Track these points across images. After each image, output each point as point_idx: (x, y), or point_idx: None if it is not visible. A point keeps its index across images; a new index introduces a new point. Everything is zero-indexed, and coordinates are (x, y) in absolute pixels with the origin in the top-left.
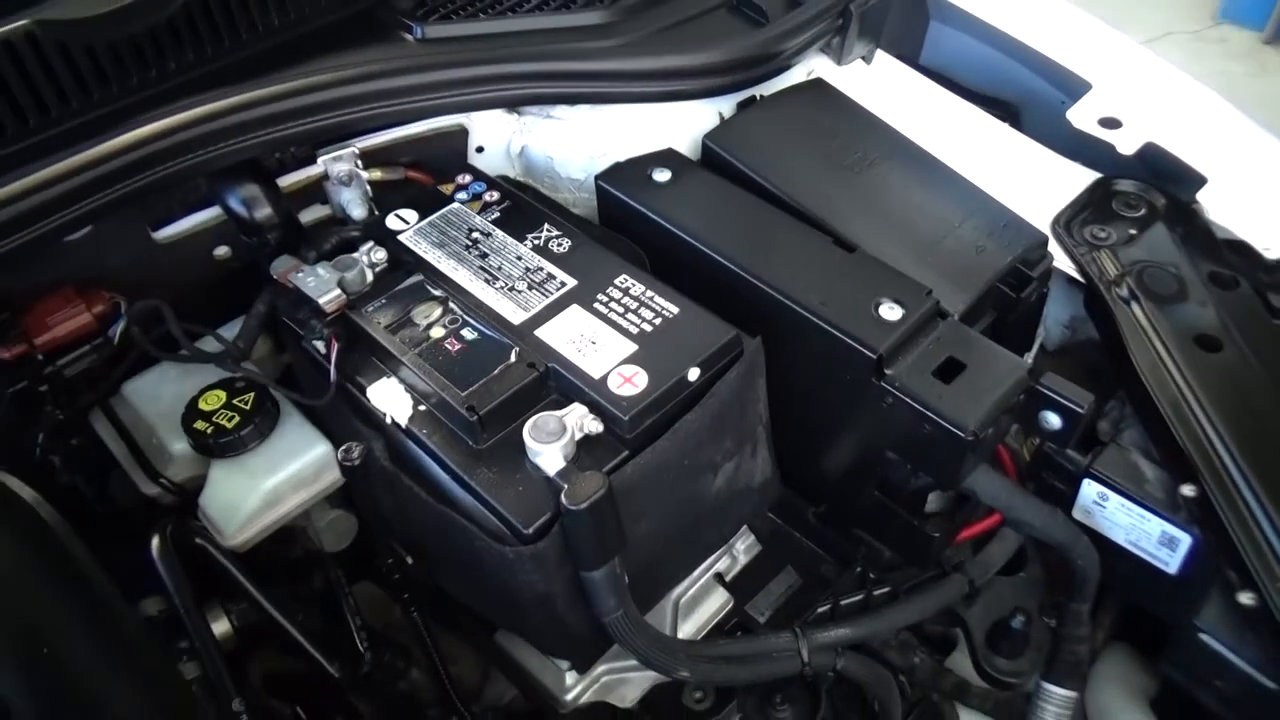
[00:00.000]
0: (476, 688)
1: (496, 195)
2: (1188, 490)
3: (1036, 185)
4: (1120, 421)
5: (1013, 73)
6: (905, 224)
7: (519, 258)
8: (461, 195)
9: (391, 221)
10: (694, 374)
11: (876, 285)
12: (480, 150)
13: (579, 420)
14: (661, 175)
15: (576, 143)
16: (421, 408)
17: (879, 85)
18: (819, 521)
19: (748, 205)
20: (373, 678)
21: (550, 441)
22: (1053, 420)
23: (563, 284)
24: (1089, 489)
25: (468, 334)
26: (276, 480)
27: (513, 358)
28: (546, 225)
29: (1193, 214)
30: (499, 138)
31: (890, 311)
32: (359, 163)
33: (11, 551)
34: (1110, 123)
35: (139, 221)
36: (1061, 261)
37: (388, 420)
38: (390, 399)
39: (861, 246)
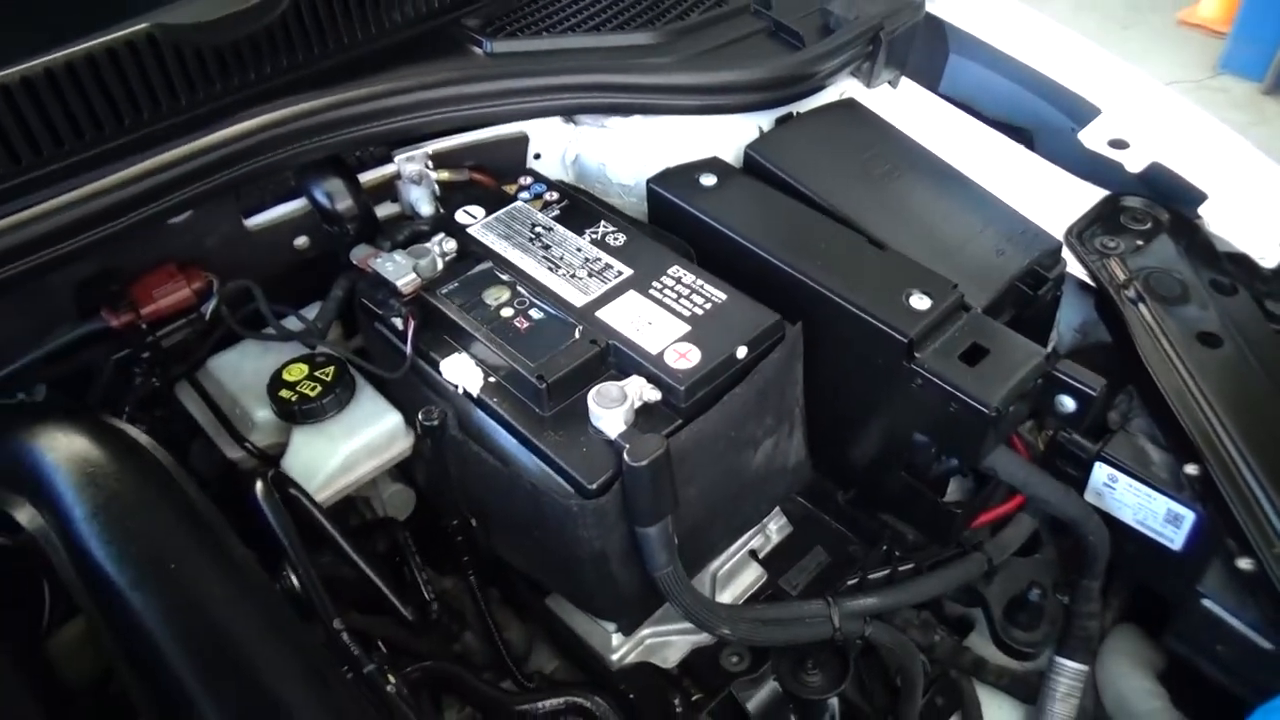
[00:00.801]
0: (522, 657)
1: (556, 195)
2: (1191, 469)
3: (1050, 201)
4: (1129, 413)
5: (1026, 101)
6: (931, 229)
7: (579, 249)
8: (524, 195)
9: (460, 216)
10: (742, 352)
11: (906, 279)
12: (538, 157)
13: (638, 390)
14: (708, 180)
15: (627, 151)
16: (491, 379)
17: (904, 107)
18: (848, 506)
19: (787, 207)
20: (432, 635)
21: (613, 407)
22: (1067, 404)
23: (620, 272)
24: (1099, 472)
25: (534, 314)
26: (353, 446)
27: (576, 335)
28: (603, 222)
29: (1195, 228)
30: (555, 145)
31: (920, 301)
32: (429, 163)
33: (137, 484)
34: (1118, 144)
35: (234, 209)
36: (1074, 269)
37: (459, 391)
38: (462, 372)
39: (891, 247)
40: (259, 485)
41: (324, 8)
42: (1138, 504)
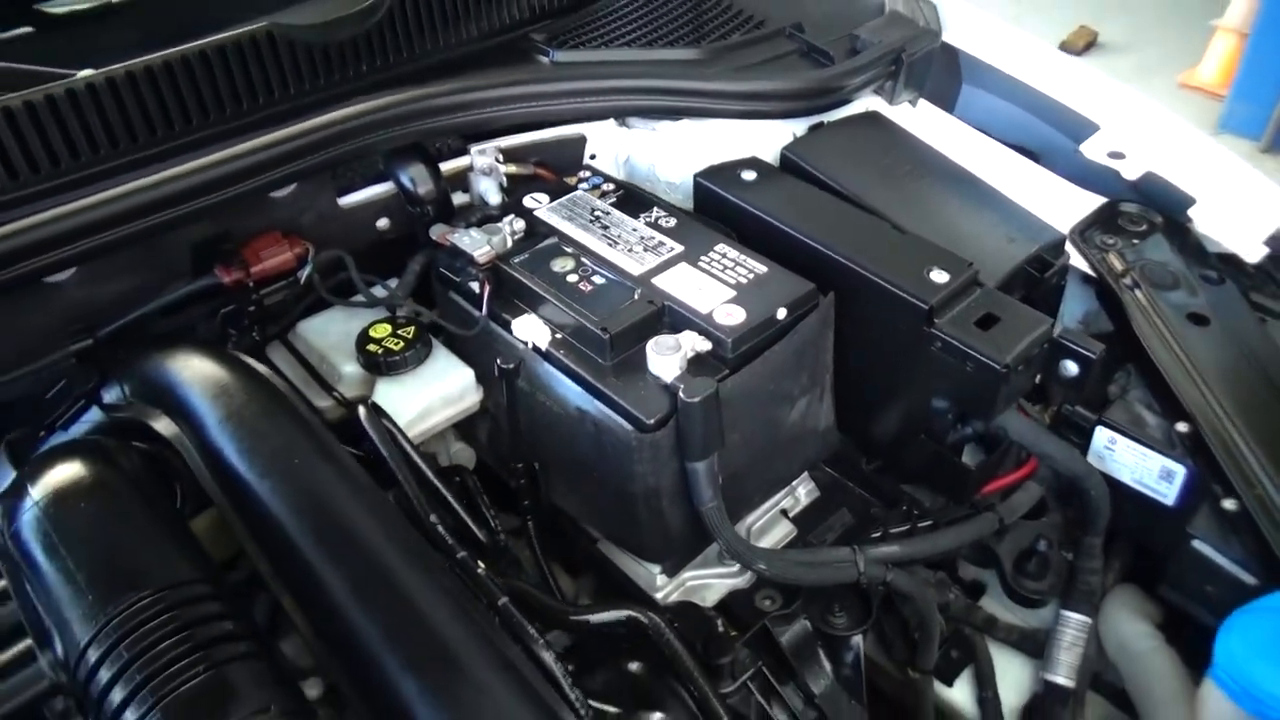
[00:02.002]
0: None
1: (612, 186)
2: (1181, 427)
3: (1054, 206)
4: (1126, 388)
5: (1032, 126)
6: (949, 219)
7: (634, 229)
8: (583, 185)
9: (527, 201)
10: (781, 313)
11: (927, 256)
12: (593, 157)
13: (691, 342)
14: (749, 175)
15: (674, 152)
16: (558, 335)
17: (923, 124)
18: (871, 474)
19: (819, 198)
20: (500, 562)
21: (669, 354)
22: (1070, 368)
23: (672, 248)
24: (1100, 436)
25: (597, 279)
26: (430, 396)
27: (635, 296)
28: (655, 207)
29: (1186, 230)
30: (609, 147)
31: (939, 275)
32: (499, 157)
33: (260, 398)
34: (1116, 155)
35: (330, 187)
36: (1077, 264)
37: (528, 348)
38: (532, 329)
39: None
40: (362, 410)
41: (414, 20)
42: (1134, 463)
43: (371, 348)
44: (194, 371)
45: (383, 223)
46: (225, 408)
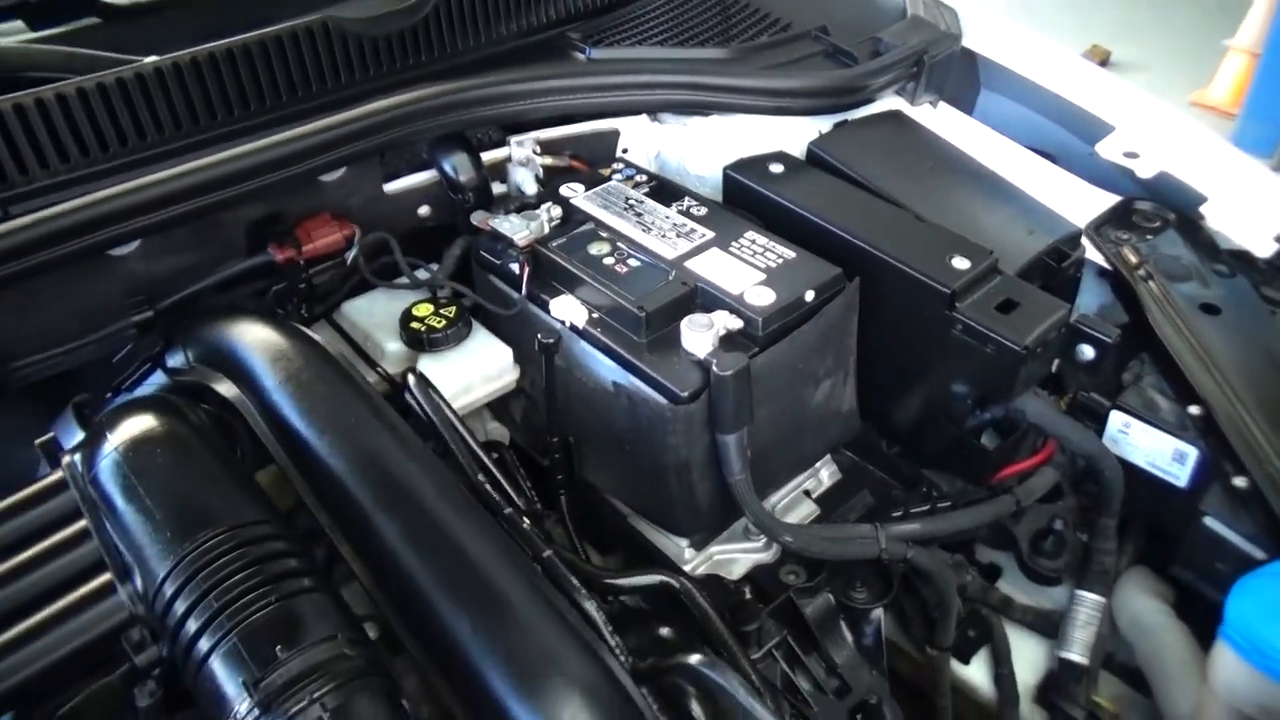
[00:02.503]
0: None
1: (645, 177)
2: (1194, 410)
3: (1070, 204)
4: (1140, 376)
5: (1048, 130)
6: (970, 212)
7: (667, 217)
8: (617, 176)
9: (564, 190)
10: (810, 295)
11: (949, 245)
12: (625, 151)
13: (724, 320)
14: (776, 168)
15: (704, 147)
16: (594, 315)
17: (943, 122)
18: (893, 457)
19: (845, 190)
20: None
21: (702, 331)
22: (1087, 352)
23: (704, 235)
24: (1115, 420)
25: (632, 262)
26: (471, 372)
27: (670, 277)
28: (687, 197)
29: (1198, 227)
30: (641, 142)
31: (960, 262)
32: (536, 149)
33: (317, 363)
34: (1131, 154)
35: (378, 173)
36: (1092, 257)
37: (566, 325)
38: (569, 309)
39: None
40: (411, 377)
41: (458, 16)
42: (1148, 446)
43: (415, 325)
44: (254, 338)
45: (424, 210)
46: (284, 371)
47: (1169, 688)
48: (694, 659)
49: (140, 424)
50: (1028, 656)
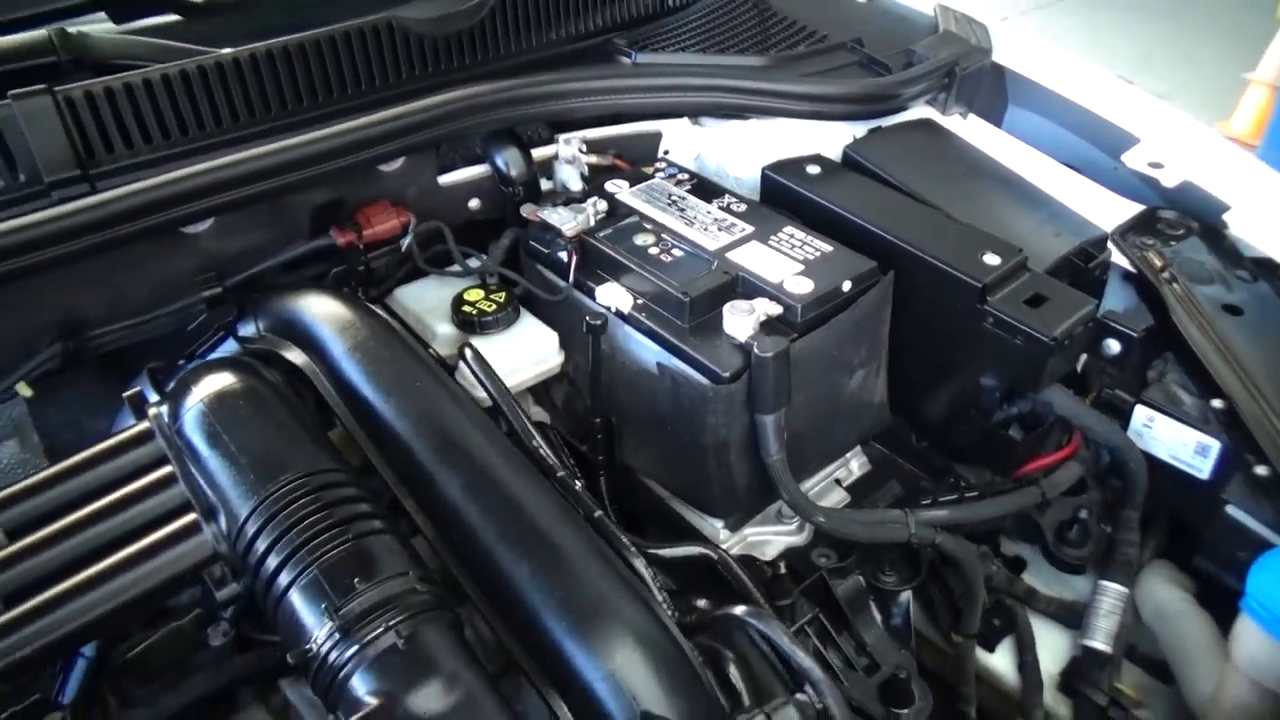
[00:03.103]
0: None
1: (686, 175)
2: (1217, 403)
3: (1096, 212)
4: (1164, 374)
5: (1075, 145)
6: (999, 214)
7: (708, 212)
8: (660, 174)
9: (609, 186)
10: (846, 285)
11: (980, 242)
12: (666, 152)
13: (764, 306)
14: (813, 169)
15: (742, 149)
16: (639, 301)
17: (973, 132)
18: (922, 449)
19: (879, 190)
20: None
21: (743, 316)
22: (1113, 346)
23: (744, 229)
24: (1140, 414)
25: (676, 252)
26: (519, 355)
27: (712, 266)
28: (727, 194)
29: (1222, 235)
30: (681, 143)
31: (991, 258)
32: (582, 147)
33: (380, 333)
34: (1155, 164)
35: (434, 165)
36: (1118, 260)
37: (611, 311)
38: (614, 295)
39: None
40: (468, 350)
41: (514, 20)
42: (1172, 439)
43: (466, 309)
44: (322, 309)
45: (474, 203)
46: (351, 340)
47: (1191, 670)
48: (739, 609)
49: (222, 380)
50: (1051, 646)
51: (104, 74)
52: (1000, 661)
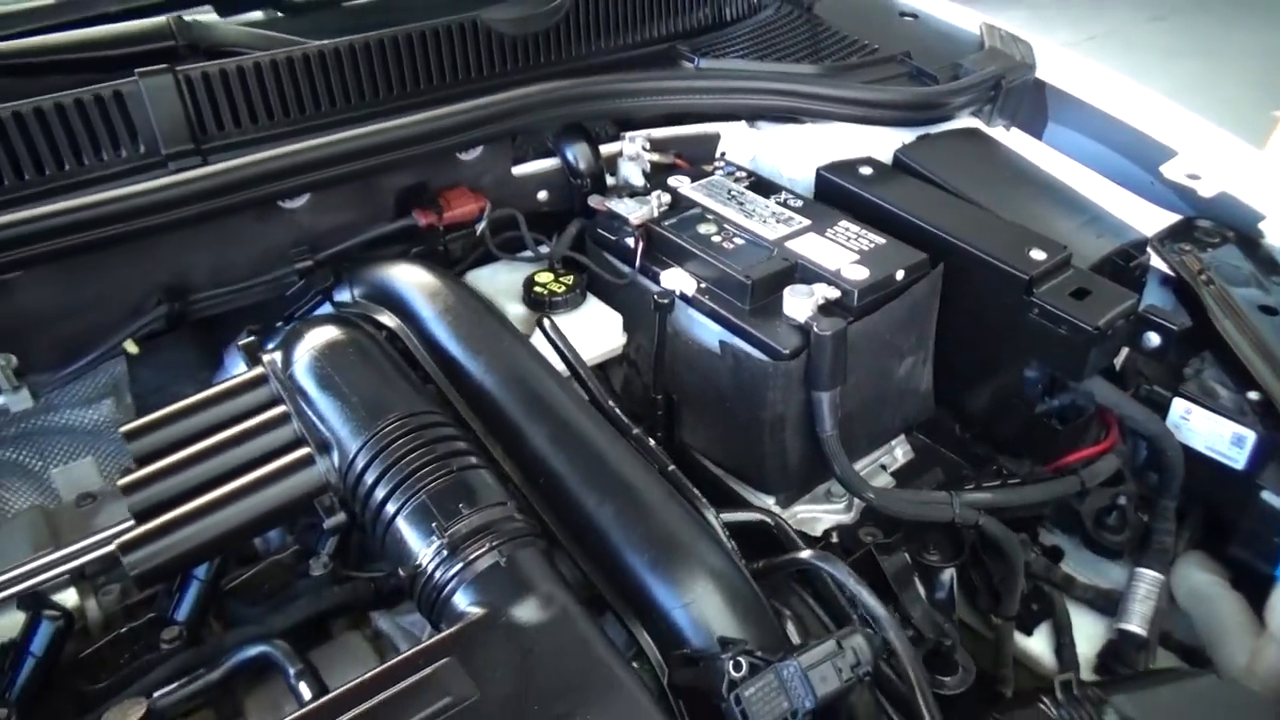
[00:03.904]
0: None
1: (745, 173)
2: (1252, 395)
3: (1135, 221)
4: (1200, 370)
5: (1113, 161)
6: (1043, 216)
7: (766, 206)
8: (720, 171)
9: (671, 181)
10: (900, 274)
11: (1026, 239)
12: (724, 154)
13: (822, 290)
14: (866, 170)
15: (797, 151)
16: (702, 285)
17: (1016, 143)
18: (965, 439)
19: (929, 190)
20: None
21: (803, 298)
22: (1153, 339)
23: (801, 222)
24: (1177, 406)
25: (737, 240)
26: (585, 334)
27: (772, 254)
28: (784, 191)
29: (1258, 244)
30: (739, 145)
31: (1037, 254)
32: (646, 145)
33: (466, 299)
34: (1193, 176)
35: (509, 155)
36: (1156, 264)
37: (676, 294)
38: (679, 279)
39: None
40: (546, 321)
41: (588, 23)
42: (1209, 430)
43: (538, 290)
44: (413, 278)
45: (542, 194)
46: (441, 304)
47: (1227, 645)
48: (805, 553)
49: (330, 332)
50: (1087, 632)
51: (216, 59)
52: (1037, 645)
